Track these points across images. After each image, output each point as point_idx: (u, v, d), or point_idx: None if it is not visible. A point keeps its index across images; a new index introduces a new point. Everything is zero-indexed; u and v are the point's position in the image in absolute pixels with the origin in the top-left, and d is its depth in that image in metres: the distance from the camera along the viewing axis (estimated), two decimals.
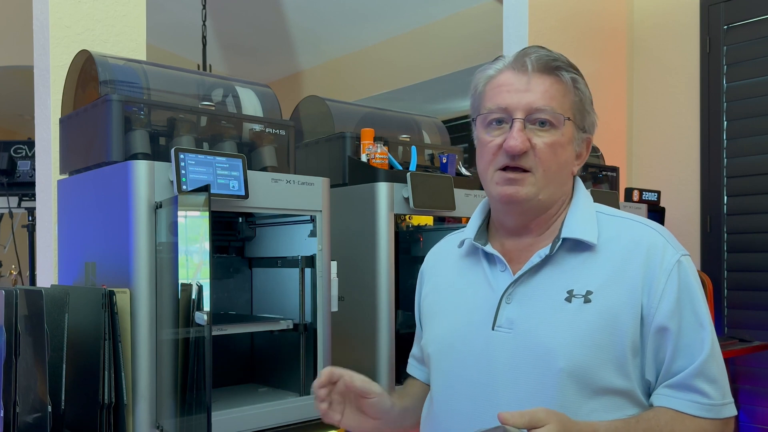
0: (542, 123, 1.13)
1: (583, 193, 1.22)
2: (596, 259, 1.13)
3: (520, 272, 1.15)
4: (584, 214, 1.17)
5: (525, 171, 1.13)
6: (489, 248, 1.21)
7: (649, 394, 1.12)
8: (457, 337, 1.20)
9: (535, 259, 1.15)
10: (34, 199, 2.21)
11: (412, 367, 1.41)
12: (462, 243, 1.27)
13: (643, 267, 1.10)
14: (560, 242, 1.14)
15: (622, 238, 1.14)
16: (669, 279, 1.09)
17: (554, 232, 1.18)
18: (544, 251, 1.14)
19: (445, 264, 1.32)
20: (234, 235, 1.86)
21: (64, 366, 1.34)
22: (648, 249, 1.11)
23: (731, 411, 1.10)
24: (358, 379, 1.20)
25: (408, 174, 1.82)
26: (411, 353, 1.43)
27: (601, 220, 1.17)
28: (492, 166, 1.16)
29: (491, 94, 1.16)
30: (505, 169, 1.14)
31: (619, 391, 1.08)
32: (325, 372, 1.19)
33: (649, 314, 1.08)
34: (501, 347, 1.13)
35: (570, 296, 1.10)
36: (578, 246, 1.14)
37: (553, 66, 1.14)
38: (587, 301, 1.09)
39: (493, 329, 1.14)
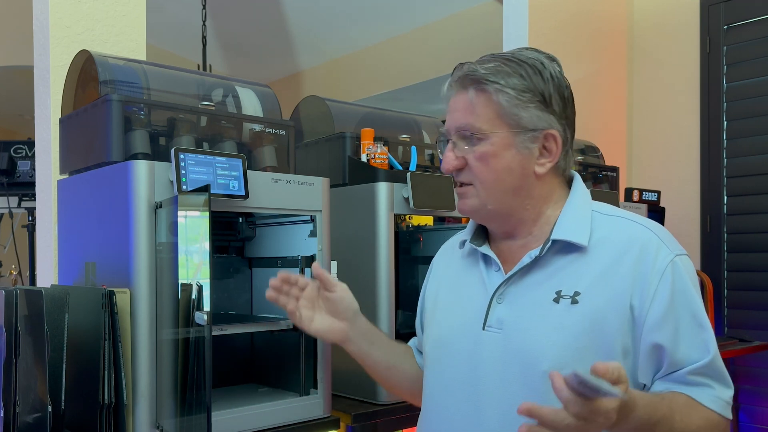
0: (470, 138, 1.15)
1: (580, 193, 1.20)
2: (586, 260, 1.12)
3: (510, 272, 1.16)
4: (578, 214, 1.16)
5: (467, 185, 1.17)
6: (484, 249, 1.22)
7: None
8: (450, 336, 1.21)
9: (525, 259, 1.15)
10: (34, 199, 2.21)
11: (413, 343, 1.43)
12: (462, 244, 1.28)
13: (634, 267, 1.09)
14: (550, 243, 1.14)
15: (615, 237, 1.13)
16: (662, 280, 1.07)
17: (545, 232, 1.18)
18: (535, 252, 1.14)
19: (449, 262, 1.33)
20: (234, 235, 1.86)
21: (64, 366, 1.34)
22: (641, 249, 1.10)
23: (731, 414, 1.10)
24: (321, 268, 1.28)
25: (408, 174, 1.82)
26: (414, 338, 1.44)
27: (596, 220, 1.16)
28: None
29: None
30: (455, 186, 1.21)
31: None
32: (281, 274, 1.28)
33: (641, 316, 1.07)
34: (490, 347, 1.13)
35: (558, 297, 1.10)
36: (569, 247, 1.14)
37: (471, 79, 1.15)
38: (574, 302, 1.08)
39: (483, 329, 1.15)
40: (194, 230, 1.29)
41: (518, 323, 1.12)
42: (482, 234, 1.26)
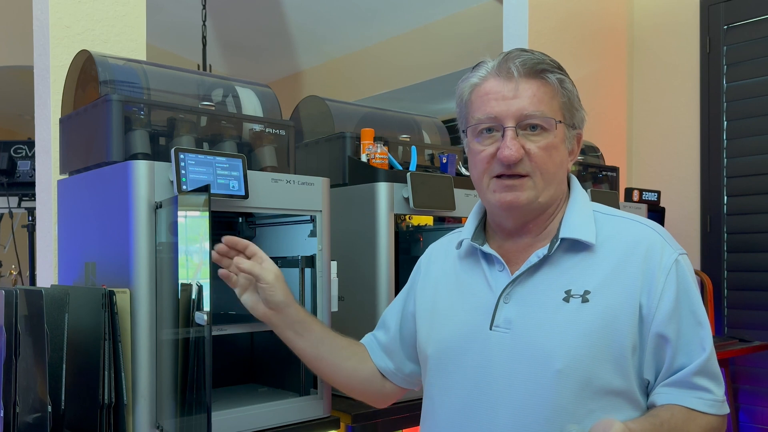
0: (533, 128, 1.12)
1: (580, 192, 1.22)
2: (594, 259, 1.13)
3: (518, 272, 1.15)
4: (582, 213, 1.17)
5: (522, 176, 1.13)
6: (487, 248, 1.21)
7: (646, 392, 1.12)
8: (456, 338, 1.20)
9: (533, 259, 1.15)
10: (34, 199, 2.21)
11: (371, 344, 1.42)
12: (460, 244, 1.27)
13: (642, 266, 1.10)
14: (558, 242, 1.14)
15: (620, 237, 1.14)
16: (668, 278, 1.09)
17: (552, 231, 1.18)
18: (542, 251, 1.14)
19: (443, 263, 1.32)
20: (234, 235, 1.85)
21: (64, 366, 1.34)
22: (647, 248, 1.11)
23: (727, 408, 1.13)
24: (248, 263, 1.28)
25: (408, 174, 1.82)
26: (374, 334, 1.43)
27: (598, 220, 1.17)
28: (487, 174, 1.16)
29: (479, 103, 1.15)
30: (500, 176, 1.14)
31: (617, 391, 1.08)
32: (228, 238, 1.29)
33: (649, 314, 1.08)
34: (498, 347, 1.13)
35: (568, 296, 1.10)
36: (576, 246, 1.14)
37: (539, 69, 1.13)
38: (585, 300, 1.09)
39: (490, 329, 1.14)
40: (194, 230, 1.29)
41: (528, 323, 1.12)
42: (482, 233, 1.25)
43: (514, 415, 1.09)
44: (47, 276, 1.98)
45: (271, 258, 1.85)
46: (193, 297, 1.27)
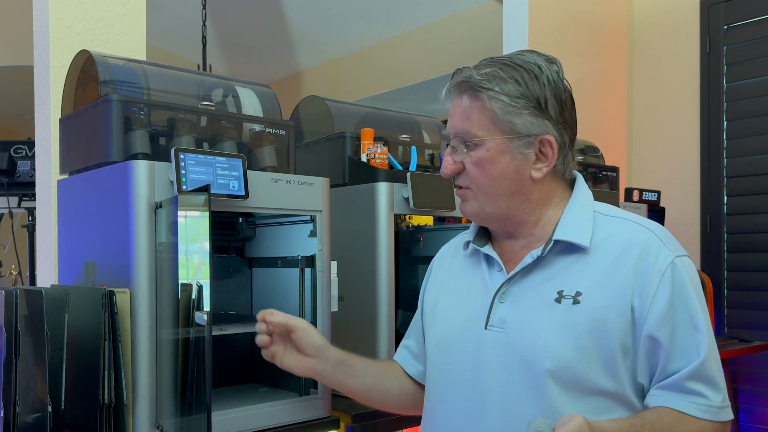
0: (467, 143, 1.16)
1: (582, 194, 1.21)
2: (588, 261, 1.13)
3: (512, 272, 1.16)
4: (580, 215, 1.17)
5: (465, 188, 1.19)
6: (486, 249, 1.22)
7: (642, 396, 1.12)
8: (452, 335, 1.21)
9: (527, 259, 1.15)
10: (34, 199, 2.21)
11: (401, 356, 1.42)
12: (467, 245, 1.28)
13: (635, 268, 1.09)
14: (552, 244, 1.14)
15: (617, 238, 1.13)
16: (662, 281, 1.08)
17: (547, 232, 1.18)
18: (536, 252, 1.15)
19: (451, 263, 1.34)
20: (234, 235, 1.86)
21: (64, 366, 1.34)
22: (642, 250, 1.11)
23: (729, 415, 1.10)
24: (279, 316, 1.30)
25: (408, 174, 1.82)
26: (403, 344, 1.44)
27: (598, 221, 1.16)
28: None
29: None
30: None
31: (607, 392, 1.08)
32: (260, 313, 1.31)
33: (641, 316, 1.08)
34: (492, 346, 1.14)
35: (560, 297, 1.11)
36: (570, 247, 1.14)
37: (466, 85, 1.16)
38: (576, 302, 1.09)
39: (485, 328, 1.15)
40: (194, 230, 1.29)
41: (520, 323, 1.12)
42: (485, 234, 1.26)
43: (504, 412, 1.10)
44: (47, 276, 1.98)
45: (271, 258, 1.86)
46: (193, 297, 1.27)
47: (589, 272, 1.11)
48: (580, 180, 1.23)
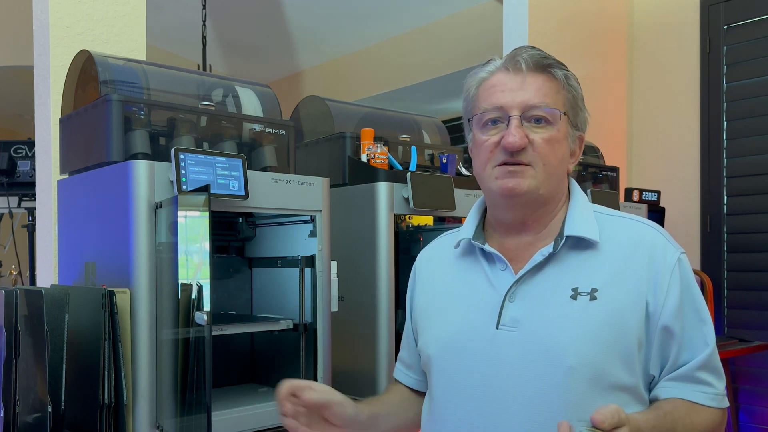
0: (538, 120, 1.14)
1: (580, 194, 1.23)
2: (598, 257, 1.14)
3: (522, 270, 1.15)
4: (584, 212, 1.19)
5: (525, 165, 1.14)
6: (488, 247, 1.20)
7: (649, 388, 1.14)
8: (459, 337, 1.19)
9: (537, 257, 1.15)
10: (34, 199, 2.21)
11: (398, 372, 1.40)
12: (458, 243, 1.27)
13: (647, 265, 1.12)
14: (564, 240, 1.14)
15: (623, 236, 1.15)
16: (672, 276, 1.11)
17: (553, 230, 1.18)
18: (547, 249, 1.15)
19: (440, 264, 1.31)
20: (234, 235, 1.86)
21: (64, 366, 1.34)
22: (651, 247, 1.13)
23: (727, 401, 1.15)
24: (315, 394, 1.16)
25: (408, 174, 1.82)
26: (399, 357, 1.41)
27: (599, 219, 1.18)
28: (490, 163, 1.16)
29: (485, 94, 1.17)
30: (503, 165, 1.15)
31: (625, 387, 1.10)
32: (286, 385, 1.16)
33: (656, 312, 1.10)
34: (507, 346, 1.13)
35: (575, 294, 1.11)
36: (580, 244, 1.15)
37: (546, 64, 1.16)
38: (593, 298, 1.10)
39: (497, 328, 1.14)
40: (194, 230, 1.29)
41: (536, 320, 1.12)
42: (481, 232, 1.25)
43: (526, 412, 1.09)
44: (47, 276, 1.98)
45: (271, 258, 1.86)
46: (193, 297, 1.27)
47: (601, 269, 1.13)
48: (575, 183, 1.26)
